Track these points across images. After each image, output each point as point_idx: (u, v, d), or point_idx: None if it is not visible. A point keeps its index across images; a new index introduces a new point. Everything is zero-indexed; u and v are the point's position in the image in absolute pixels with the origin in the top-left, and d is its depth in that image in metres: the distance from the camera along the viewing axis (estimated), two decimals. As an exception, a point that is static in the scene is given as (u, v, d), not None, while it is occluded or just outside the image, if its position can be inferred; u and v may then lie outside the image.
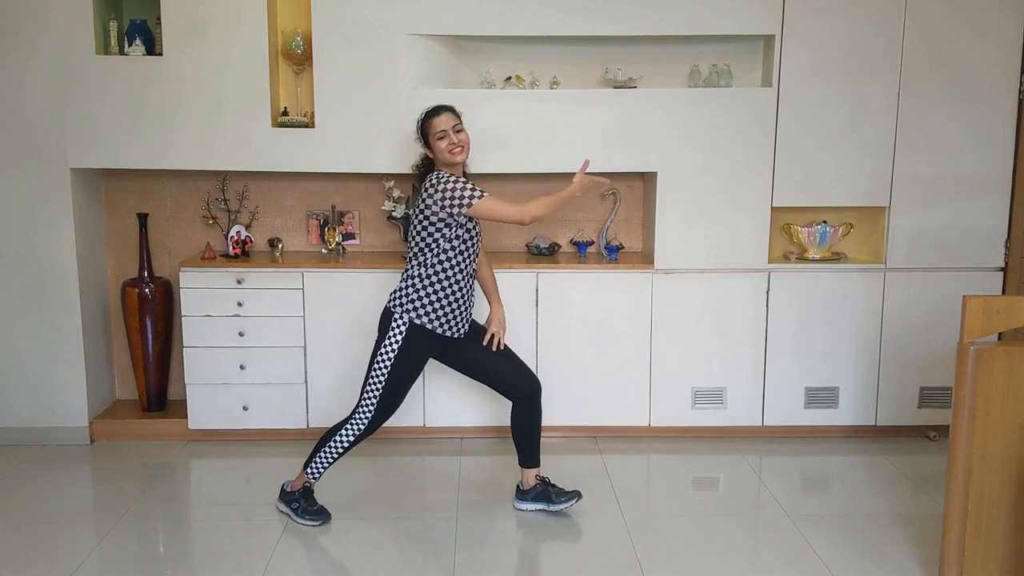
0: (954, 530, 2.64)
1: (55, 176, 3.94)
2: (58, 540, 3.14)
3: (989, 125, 3.96)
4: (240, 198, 4.31)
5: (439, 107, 3.25)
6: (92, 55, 3.85)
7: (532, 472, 3.40)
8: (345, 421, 3.25)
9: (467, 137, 3.24)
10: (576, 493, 3.37)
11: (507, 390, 3.35)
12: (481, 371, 3.37)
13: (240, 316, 3.99)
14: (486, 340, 3.34)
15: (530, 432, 3.37)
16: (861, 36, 3.89)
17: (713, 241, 4.02)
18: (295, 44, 3.98)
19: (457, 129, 3.21)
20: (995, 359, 2.55)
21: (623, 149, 3.97)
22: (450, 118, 3.21)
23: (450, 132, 3.18)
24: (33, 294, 4.01)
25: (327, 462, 3.27)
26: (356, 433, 3.23)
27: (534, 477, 3.40)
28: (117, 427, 4.18)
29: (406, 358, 3.18)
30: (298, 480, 3.32)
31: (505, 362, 3.36)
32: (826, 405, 4.15)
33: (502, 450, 4.02)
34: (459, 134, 3.21)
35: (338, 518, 3.33)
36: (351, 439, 3.23)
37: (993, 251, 4.06)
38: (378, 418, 3.22)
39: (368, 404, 3.21)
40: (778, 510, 3.42)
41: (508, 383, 3.34)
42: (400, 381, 3.20)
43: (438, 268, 3.16)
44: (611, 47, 4.13)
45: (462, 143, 3.20)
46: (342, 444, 3.24)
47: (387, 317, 3.21)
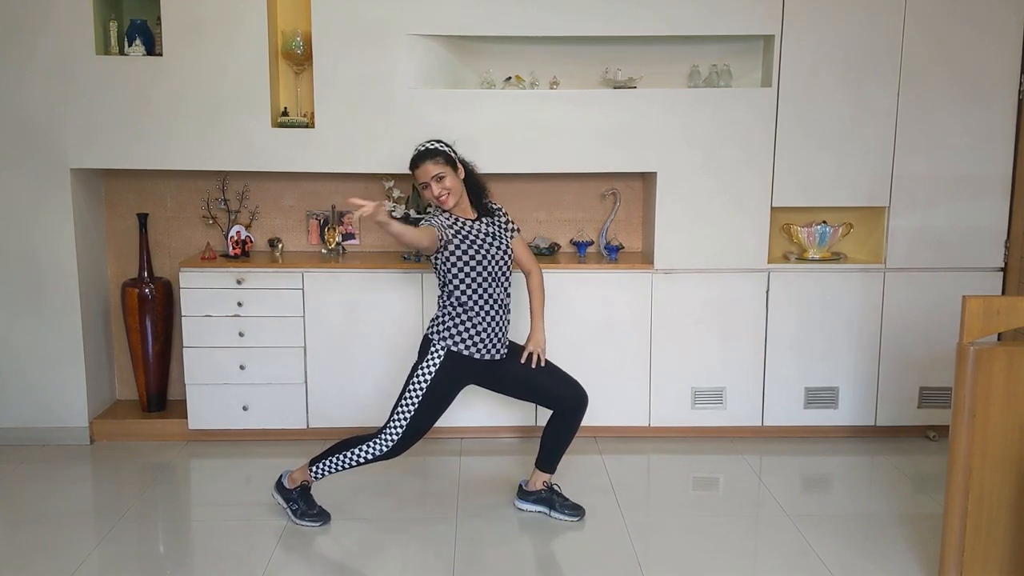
0: (954, 530, 2.64)
1: (55, 176, 3.94)
2: (58, 540, 3.14)
3: (989, 125, 3.96)
4: (240, 198, 4.31)
5: (422, 154, 3.17)
6: (92, 55, 3.85)
7: (543, 477, 3.39)
8: (370, 437, 3.18)
9: (454, 183, 3.16)
10: (580, 510, 3.34)
11: (553, 404, 3.32)
12: (525, 390, 3.35)
13: (240, 316, 3.99)
14: (523, 358, 3.31)
15: (561, 441, 3.35)
16: (861, 36, 3.89)
17: (713, 241, 4.02)
18: (295, 44, 3.98)
19: (439, 177, 3.13)
20: (995, 359, 2.55)
21: (623, 149, 3.97)
22: (432, 167, 3.13)
23: (432, 184, 3.14)
24: (33, 294, 4.01)
25: (337, 469, 3.22)
26: (377, 453, 3.17)
27: (542, 482, 3.39)
28: (117, 427, 4.18)
29: (440, 384, 3.15)
30: (299, 473, 3.28)
31: (548, 377, 3.32)
32: (826, 405, 4.15)
33: (502, 450, 4.02)
34: (442, 182, 3.13)
35: (338, 518, 3.32)
36: (370, 457, 3.18)
37: (993, 251, 4.06)
38: (404, 442, 3.16)
39: (397, 426, 3.15)
40: (778, 510, 3.42)
41: (554, 398, 3.31)
42: (432, 408, 3.16)
43: (457, 294, 3.16)
44: (611, 47, 4.13)
45: (446, 190, 3.14)
46: (359, 459, 3.18)
47: (426, 344, 3.19)
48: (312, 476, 3.25)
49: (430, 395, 3.13)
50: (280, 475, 3.34)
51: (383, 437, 3.16)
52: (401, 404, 3.15)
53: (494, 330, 3.20)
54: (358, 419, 4.01)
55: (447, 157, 3.18)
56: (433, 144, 3.20)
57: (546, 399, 3.33)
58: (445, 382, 3.16)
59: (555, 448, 3.36)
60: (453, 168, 3.19)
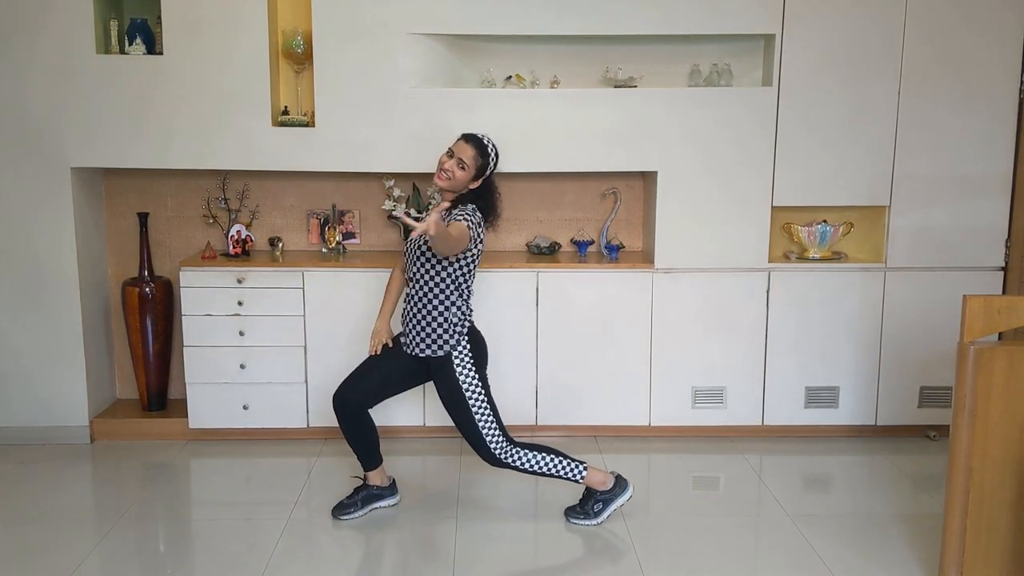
0: (954, 530, 2.64)
1: (56, 175, 3.94)
2: (58, 540, 3.14)
3: (990, 124, 3.96)
4: (240, 197, 4.31)
5: (472, 136, 3.22)
6: (92, 54, 3.85)
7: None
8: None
9: (462, 177, 3.16)
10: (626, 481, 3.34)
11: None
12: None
13: (240, 315, 3.99)
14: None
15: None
16: (862, 35, 3.89)
17: (713, 240, 4.02)
18: (295, 43, 3.98)
19: (459, 161, 3.15)
20: (995, 359, 2.55)
21: (623, 148, 3.96)
22: (466, 148, 3.17)
23: (445, 156, 3.17)
24: (33, 293, 4.01)
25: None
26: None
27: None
28: (117, 426, 4.18)
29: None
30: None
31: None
32: (826, 405, 4.15)
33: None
34: (455, 164, 3.15)
35: (332, 519, 3.33)
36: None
37: (993, 251, 4.05)
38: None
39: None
40: (778, 510, 3.42)
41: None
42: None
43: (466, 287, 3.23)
44: (612, 46, 4.12)
45: (450, 174, 3.14)
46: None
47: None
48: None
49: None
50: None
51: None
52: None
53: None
54: (358, 418, 4.01)
55: (483, 163, 3.19)
56: (489, 144, 3.23)
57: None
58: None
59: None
60: (477, 175, 3.19)
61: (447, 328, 3.17)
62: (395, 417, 4.04)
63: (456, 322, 3.18)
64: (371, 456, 3.36)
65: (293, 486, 3.62)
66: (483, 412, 3.18)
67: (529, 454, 3.21)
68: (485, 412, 3.18)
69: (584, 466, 3.24)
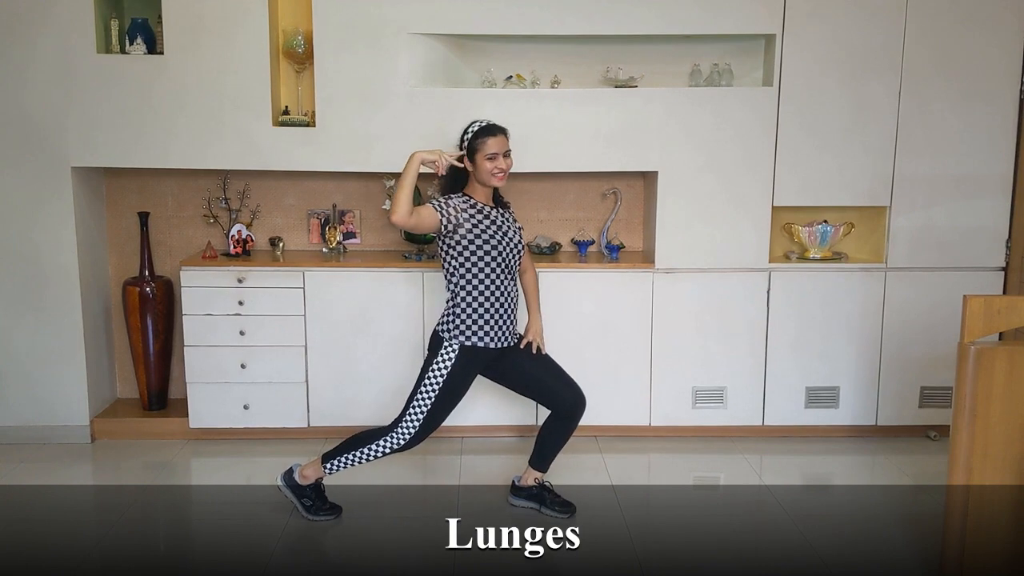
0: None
1: (56, 175, 3.94)
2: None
3: (990, 124, 3.96)
4: (241, 197, 4.31)
5: (496, 127, 3.22)
6: (93, 54, 3.85)
7: (535, 474, 3.39)
8: (384, 432, 3.19)
9: (512, 163, 3.23)
10: (571, 507, 3.34)
11: (552, 403, 3.33)
12: (528, 384, 3.36)
13: (241, 315, 3.99)
14: (523, 345, 3.33)
15: (556, 441, 3.36)
16: (862, 35, 3.89)
17: (714, 240, 4.02)
18: (296, 43, 3.98)
19: (508, 153, 3.20)
20: (996, 359, 2.55)
21: (624, 148, 3.96)
22: (506, 141, 3.21)
23: (500, 156, 3.18)
24: (34, 293, 4.01)
25: (351, 464, 3.22)
26: (394, 447, 3.19)
27: (534, 479, 3.40)
28: (118, 426, 4.18)
29: (455, 380, 3.18)
30: (310, 469, 3.26)
31: (550, 375, 3.34)
32: (827, 405, 4.15)
33: (502, 449, 4.02)
34: (507, 159, 3.19)
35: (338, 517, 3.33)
36: (386, 451, 3.19)
37: (994, 251, 4.05)
38: (420, 435, 3.19)
39: (412, 421, 3.17)
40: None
41: (553, 397, 3.32)
42: (447, 402, 3.19)
43: (476, 283, 3.17)
44: (612, 46, 4.12)
45: (507, 169, 3.19)
46: (375, 454, 3.20)
47: (437, 340, 3.21)
48: (326, 472, 3.25)
49: (446, 389, 3.16)
50: (289, 469, 3.31)
51: (399, 431, 3.18)
52: (417, 398, 3.17)
53: (505, 319, 3.23)
54: (359, 418, 4.00)
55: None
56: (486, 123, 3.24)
57: (546, 397, 3.35)
58: (460, 376, 3.18)
59: (550, 448, 3.37)
60: None
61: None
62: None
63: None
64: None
65: (293, 486, 3.62)
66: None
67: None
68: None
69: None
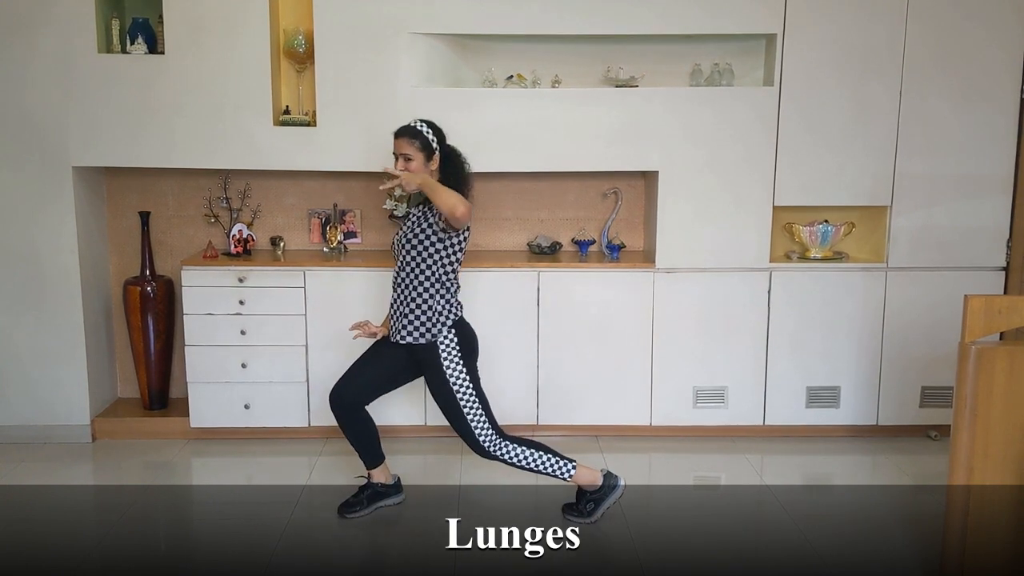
0: (954, 530, 2.63)
1: (57, 174, 3.94)
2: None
3: (991, 124, 3.96)
4: (242, 197, 4.31)
5: (404, 129, 3.17)
6: (94, 53, 3.86)
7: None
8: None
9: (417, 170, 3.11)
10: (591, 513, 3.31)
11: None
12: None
13: (242, 315, 3.99)
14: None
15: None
16: (863, 35, 3.89)
17: (715, 240, 4.02)
18: (297, 42, 3.98)
19: (406, 158, 3.12)
20: (996, 359, 2.55)
21: (624, 148, 3.96)
22: (405, 144, 3.13)
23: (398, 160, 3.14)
24: (35, 292, 4.01)
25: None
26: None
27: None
28: (118, 425, 4.18)
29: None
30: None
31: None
32: (827, 404, 4.15)
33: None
34: (407, 164, 3.12)
35: (339, 517, 3.33)
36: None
37: (995, 251, 4.05)
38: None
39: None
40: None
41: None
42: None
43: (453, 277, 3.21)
44: (613, 46, 4.12)
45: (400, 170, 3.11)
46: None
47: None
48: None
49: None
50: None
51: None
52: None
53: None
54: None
55: (424, 143, 3.15)
56: (419, 125, 3.17)
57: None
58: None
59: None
60: (427, 156, 3.15)
61: (431, 316, 3.16)
62: (396, 416, 4.04)
63: (440, 311, 3.16)
64: (372, 453, 3.36)
65: (294, 485, 3.62)
66: (471, 404, 3.17)
67: (518, 448, 3.20)
68: (473, 404, 3.17)
69: (573, 465, 3.22)
